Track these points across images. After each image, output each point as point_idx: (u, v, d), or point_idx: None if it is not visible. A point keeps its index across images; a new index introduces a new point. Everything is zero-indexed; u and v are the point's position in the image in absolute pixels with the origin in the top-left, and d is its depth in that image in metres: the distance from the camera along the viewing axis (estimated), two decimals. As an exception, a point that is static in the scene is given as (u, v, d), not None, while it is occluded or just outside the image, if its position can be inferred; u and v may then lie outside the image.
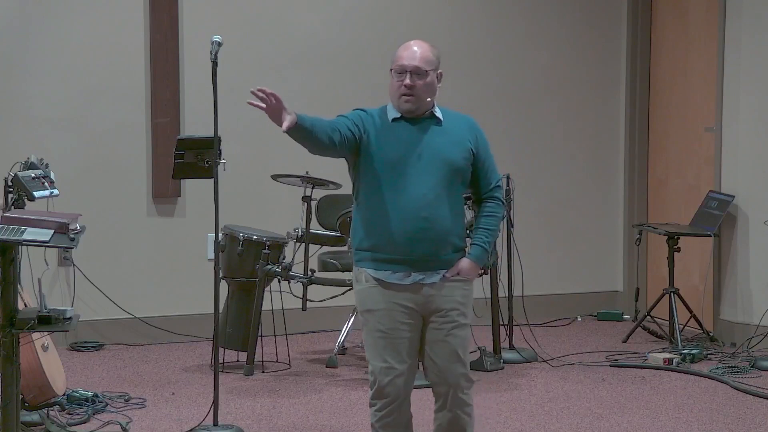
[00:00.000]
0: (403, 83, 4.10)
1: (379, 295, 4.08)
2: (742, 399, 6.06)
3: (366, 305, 4.12)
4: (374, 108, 4.22)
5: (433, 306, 4.11)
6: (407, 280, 4.08)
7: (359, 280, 4.15)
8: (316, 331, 7.58)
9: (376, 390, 4.14)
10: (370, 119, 4.13)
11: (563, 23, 8.19)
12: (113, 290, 7.27)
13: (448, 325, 4.13)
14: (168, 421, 5.63)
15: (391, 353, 4.09)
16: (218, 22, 7.29)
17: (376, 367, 4.12)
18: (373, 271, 4.09)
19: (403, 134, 4.11)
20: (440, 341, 4.14)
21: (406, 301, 4.08)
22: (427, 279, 4.10)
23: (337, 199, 6.98)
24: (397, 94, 4.13)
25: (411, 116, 4.12)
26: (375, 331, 4.10)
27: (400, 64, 4.12)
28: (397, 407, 4.16)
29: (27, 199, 5.49)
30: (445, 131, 4.13)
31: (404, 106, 4.11)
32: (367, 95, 7.75)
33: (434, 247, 4.08)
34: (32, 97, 7.13)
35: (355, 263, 4.16)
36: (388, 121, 4.14)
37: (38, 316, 4.32)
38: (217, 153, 5.34)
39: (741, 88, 7.26)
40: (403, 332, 4.09)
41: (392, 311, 4.08)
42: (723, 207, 7.23)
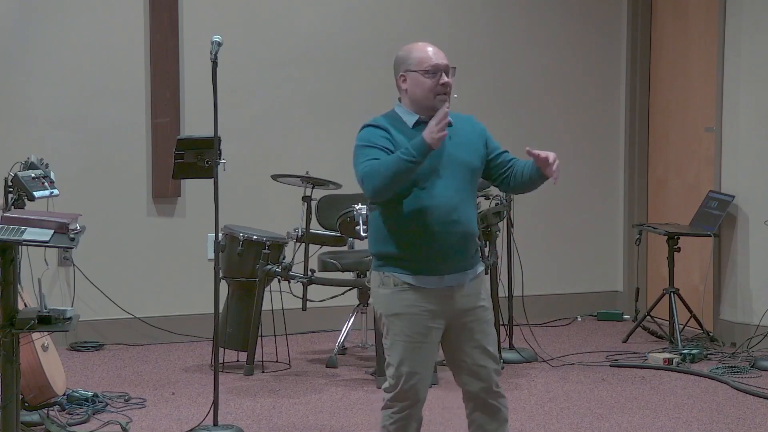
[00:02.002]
0: (439, 82, 4.06)
1: (407, 300, 4.06)
2: (742, 399, 6.06)
3: (393, 309, 4.09)
4: (378, 117, 4.14)
5: (459, 306, 4.11)
6: (438, 283, 4.07)
7: (385, 284, 4.10)
8: (316, 331, 7.58)
9: (398, 393, 4.12)
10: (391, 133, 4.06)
11: (563, 23, 8.19)
12: (113, 290, 7.27)
13: (476, 323, 4.14)
14: (168, 421, 5.63)
15: (417, 358, 4.08)
16: (218, 22, 7.29)
17: (399, 371, 4.10)
18: (402, 275, 4.06)
19: None
20: (470, 340, 4.14)
21: (434, 305, 4.07)
22: (456, 281, 4.10)
23: (337, 199, 6.97)
24: (432, 93, 4.06)
25: (427, 120, 4.05)
26: (401, 335, 4.08)
27: (434, 63, 4.07)
28: (415, 411, 4.16)
29: (27, 199, 5.49)
30: (457, 133, 4.12)
31: (441, 104, 4.06)
32: (367, 95, 7.79)
33: (463, 248, 4.09)
34: (32, 97, 7.13)
35: (379, 267, 4.12)
36: (408, 127, 4.08)
37: (38, 316, 4.31)
38: (217, 153, 5.35)
39: (741, 88, 7.26)
40: (429, 336, 4.09)
41: (420, 316, 4.06)
42: (723, 207, 7.23)
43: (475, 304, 4.13)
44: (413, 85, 4.08)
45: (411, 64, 4.09)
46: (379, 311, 4.15)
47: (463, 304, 4.11)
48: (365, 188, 3.98)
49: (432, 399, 6.03)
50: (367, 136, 4.07)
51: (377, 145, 4.01)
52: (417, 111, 4.10)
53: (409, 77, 4.09)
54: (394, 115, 4.13)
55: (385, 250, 4.09)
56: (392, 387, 4.13)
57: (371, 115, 8.37)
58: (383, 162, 3.93)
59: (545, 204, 8.14)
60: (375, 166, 3.93)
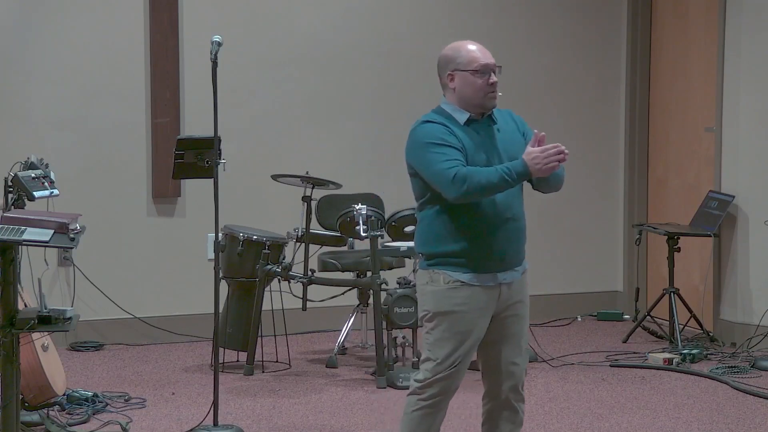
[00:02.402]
0: (489, 81, 4.10)
1: (459, 297, 4.08)
2: (742, 399, 6.06)
3: (443, 307, 4.11)
4: (431, 114, 4.16)
5: (506, 302, 4.16)
6: (492, 281, 4.10)
7: (435, 281, 4.12)
8: (316, 331, 7.58)
9: (432, 381, 4.13)
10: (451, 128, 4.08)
11: (563, 23, 8.19)
12: (113, 290, 7.27)
13: (513, 318, 4.19)
14: (168, 421, 5.63)
15: (461, 354, 4.12)
16: (218, 22, 7.29)
17: (441, 366, 4.12)
18: (454, 272, 4.08)
19: (477, 137, 4.11)
20: (507, 335, 4.18)
21: (485, 302, 4.11)
22: (508, 278, 4.15)
23: (337, 199, 6.98)
24: (484, 92, 4.10)
25: (476, 118, 4.12)
26: (449, 332, 4.10)
27: (483, 63, 4.12)
28: (444, 401, 4.19)
29: (27, 199, 5.49)
30: (501, 129, 4.17)
31: (491, 103, 4.13)
32: (367, 95, 7.79)
33: (518, 246, 4.16)
34: (32, 97, 7.13)
35: (431, 266, 4.13)
36: (459, 124, 4.11)
37: (38, 316, 4.31)
38: (217, 153, 5.34)
39: (741, 88, 7.26)
40: (476, 334, 4.12)
41: (471, 313, 4.09)
42: (723, 207, 7.23)
43: (516, 299, 4.19)
44: (463, 84, 4.11)
45: (460, 64, 4.12)
46: (426, 308, 4.17)
47: (507, 299, 4.16)
48: (454, 189, 3.98)
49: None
50: (434, 132, 4.07)
51: (452, 144, 4.04)
52: (466, 108, 4.13)
53: (457, 76, 4.12)
54: (444, 112, 4.16)
55: (438, 248, 4.11)
56: (427, 379, 4.15)
57: (371, 115, 8.45)
58: (483, 173, 3.97)
59: (545, 204, 8.11)
60: (473, 173, 3.96)
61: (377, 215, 6.55)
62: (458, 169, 3.97)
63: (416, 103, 7.87)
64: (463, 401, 5.63)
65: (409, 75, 7.87)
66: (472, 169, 3.98)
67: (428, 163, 4.04)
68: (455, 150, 4.02)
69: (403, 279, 6.55)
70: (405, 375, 6.30)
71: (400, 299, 6.33)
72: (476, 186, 3.95)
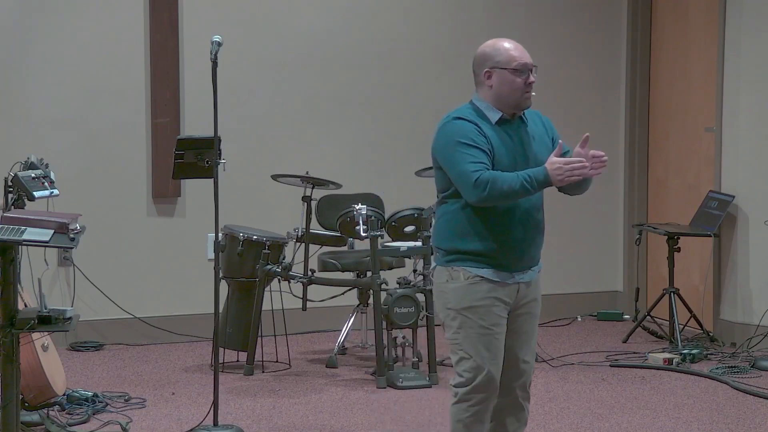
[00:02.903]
0: (527, 81, 4.10)
1: (479, 292, 4.09)
2: (742, 399, 6.06)
3: (465, 302, 4.11)
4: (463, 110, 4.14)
5: (520, 301, 4.18)
6: (509, 278, 4.13)
7: (455, 278, 4.12)
8: (316, 331, 7.58)
9: (476, 385, 4.13)
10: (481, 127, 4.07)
11: (563, 23, 8.18)
12: (113, 290, 7.27)
13: (527, 316, 4.22)
14: (168, 421, 5.63)
15: (493, 349, 4.12)
16: (218, 22, 7.29)
17: (476, 363, 4.11)
18: (474, 269, 4.09)
19: (508, 139, 4.10)
20: (523, 333, 4.21)
21: (505, 297, 4.13)
22: (524, 278, 4.17)
23: (337, 199, 6.97)
24: (521, 91, 4.10)
25: (508, 117, 4.12)
26: (475, 327, 4.11)
27: (523, 62, 4.12)
28: (491, 400, 4.19)
29: (27, 199, 5.48)
30: (531, 130, 4.17)
31: (527, 102, 4.13)
32: (367, 95, 7.79)
33: (536, 245, 4.20)
34: (32, 97, 7.13)
35: (449, 263, 4.13)
36: (491, 123, 4.11)
37: (38, 316, 4.32)
38: (217, 153, 5.34)
39: (741, 88, 7.26)
40: (500, 326, 4.14)
41: (493, 307, 4.10)
42: (723, 207, 7.22)
43: (531, 298, 4.22)
44: (500, 82, 4.11)
45: (499, 62, 4.12)
46: (447, 306, 4.16)
47: (522, 297, 4.18)
48: (476, 192, 3.98)
49: (431, 399, 6.05)
50: (463, 131, 4.06)
51: (479, 145, 4.03)
52: (500, 107, 4.12)
53: (495, 74, 4.12)
54: (476, 109, 4.15)
55: (458, 245, 4.11)
56: (469, 380, 4.14)
57: (371, 115, 8.44)
58: (505, 178, 3.97)
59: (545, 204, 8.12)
60: (496, 179, 3.96)
61: (377, 215, 6.55)
62: (482, 172, 3.97)
63: (416, 103, 7.90)
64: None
65: (409, 75, 7.87)
66: (495, 175, 3.98)
67: (454, 162, 4.04)
68: (482, 152, 4.02)
69: (403, 279, 6.54)
70: (405, 375, 6.30)
71: (400, 299, 6.33)
72: (497, 192, 3.96)
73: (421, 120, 7.89)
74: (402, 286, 6.46)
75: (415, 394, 6.15)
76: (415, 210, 6.64)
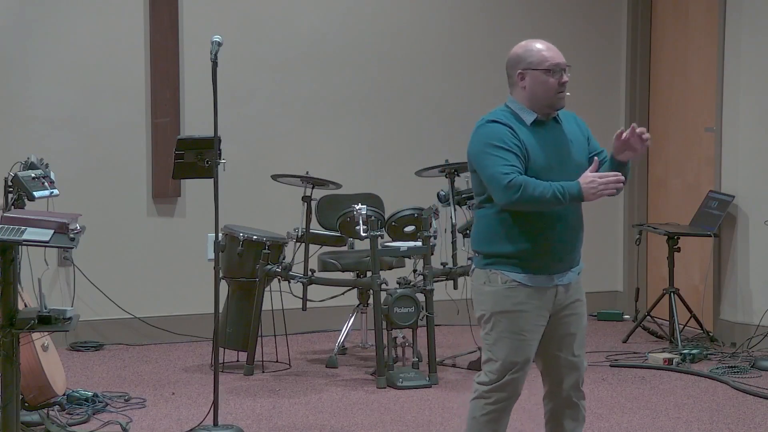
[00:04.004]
0: (560, 80, 4.11)
1: (516, 297, 4.09)
2: (742, 399, 6.06)
3: (500, 306, 4.11)
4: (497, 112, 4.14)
5: (561, 301, 4.16)
6: (548, 282, 4.11)
7: (492, 282, 4.12)
8: (316, 331, 7.58)
9: (499, 385, 4.14)
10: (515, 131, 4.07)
11: (563, 23, 8.18)
12: (113, 290, 7.26)
13: (573, 316, 4.20)
14: (168, 421, 5.63)
15: (522, 354, 4.12)
16: (218, 22, 7.29)
17: (504, 366, 4.12)
18: (511, 273, 4.09)
19: (542, 140, 4.10)
20: (568, 335, 4.20)
21: (542, 301, 4.12)
22: (564, 280, 4.16)
23: (337, 199, 6.97)
24: (555, 91, 4.11)
25: (542, 119, 4.12)
26: (507, 332, 4.11)
27: (555, 62, 4.13)
28: (510, 404, 4.20)
29: (27, 199, 5.48)
30: (566, 132, 4.17)
31: (561, 103, 4.13)
32: (367, 95, 7.79)
33: (575, 247, 4.18)
34: (32, 97, 7.13)
35: (487, 266, 4.14)
36: (525, 125, 4.11)
37: (38, 316, 4.32)
38: (217, 153, 5.34)
39: (741, 88, 7.26)
40: (535, 333, 4.13)
41: (529, 313, 4.10)
42: (723, 207, 7.22)
43: (574, 298, 4.20)
44: (534, 83, 4.12)
45: (531, 63, 4.13)
46: (483, 308, 4.17)
47: (564, 299, 4.17)
48: (506, 196, 3.99)
49: (431, 399, 6.05)
50: (497, 134, 4.06)
51: (512, 149, 4.02)
52: (534, 108, 4.13)
53: (528, 75, 4.13)
54: (510, 111, 4.15)
55: (496, 249, 4.12)
56: (493, 381, 4.15)
57: (371, 115, 8.44)
58: (537, 186, 3.96)
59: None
60: (528, 184, 3.96)
61: (377, 215, 6.55)
62: (515, 176, 3.97)
63: (416, 103, 7.90)
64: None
65: (409, 75, 7.87)
66: (527, 180, 3.98)
67: (486, 165, 4.04)
68: (515, 155, 4.02)
69: (403, 279, 6.55)
70: (405, 375, 6.30)
71: (400, 299, 6.33)
72: (528, 198, 3.96)
73: (420, 120, 7.90)
74: (402, 286, 6.46)
75: (415, 394, 6.15)
76: (415, 210, 6.64)
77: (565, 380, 4.23)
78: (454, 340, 7.36)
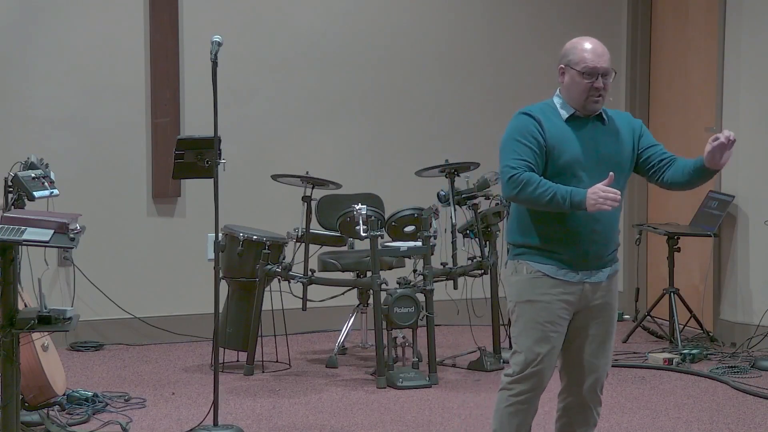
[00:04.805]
0: (593, 85, 4.07)
1: (541, 287, 4.10)
2: (742, 399, 6.06)
3: (526, 296, 4.13)
4: (534, 105, 4.16)
5: (588, 302, 4.15)
6: (573, 278, 4.11)
7: (519, 272, 4.15)
8: (316, 331, 7.58)
9: (521, 377, 4.16)
10: (543, 125, 4.07)
11: (563, 23, 8.17)
12: (113, 290, 7.27)
13: (599, 319, 4.19)
14: (168, 421, 5.63)
15: (545, 345, 4.12)
16: (218, 22, 7.29)
17: (527, 357, 4.13)
18: (536, 264, 4.11)
19: (577, 135, 4.09)
20: (592, 336, 4.19)
21: (568, 296, 4.11)
22: (591, 278, 4.14)
23: (337, 199, 6.98)
24: (585, 95, 4.08)
25: (581, 115, 4.11)
26: (532, 322, 4.12)
27: (591, 66, 4.07)
28: (534, 397, 4.20)
29: (27, 199, 5.48)
30: (610, 131, 4.15)
31: (593, 107, 4.10)
32: (367, 95, 7.79)
33: (602, 248, 4.14)
34: (32, 97, 7.13)
35: (516, 257, 4.17)
36: (561, 120, 4.11)
37: (38, 316, 4.32)
38: (217, 153, 5.35)
39: (741, 88, 7.26)
40: (558, 325, 4.13)
41: (552, 304, 4.11)
42: (723, 207, 7.23)
43: (603, 301, 4.19)
44: (569, 82, 4.12)
45: (571, 61, 4.11)
46: (511, 299, 4.20)
47: (592, 300, 4.16)
48: (507, 189, 4.03)
49: (431, 399, 6.05)
50: (520, 127, 4.09)
51: (530, 144, 4.04)
52: (572, 105, 4.13)
53: (567, 72, 4.13)
54: (552, 104, 4.16)
55: (523, 240, 4.14)
56: (516, 372, 4.17)
57: (371, 115, 8.45)
58: (540, 186, 3.97)
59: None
60: (530, 183, 3.97)
61: (377, 215, 6.55)
62: (519, 172, 3.99)
63: (416, 103, 7.90)
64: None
65: (409, 75, 7.87)
66: (531, 179, 3.98)
67: (502, 157, 4.09)
68: (531, 151, 4.03)
69: (403, 279, 6.55)
70: (405, 375, 6.30)
71: (400, 299, 6.33)
72: (526, 197, 3.99)
73: (420, 120, 7.90)
74: (402, 286, 6.46)
75: (415, 394, 6.15)
76: (415, 210, 6.64)
77: (583, 382, 4.24)
78: (454, 340, 7.36)
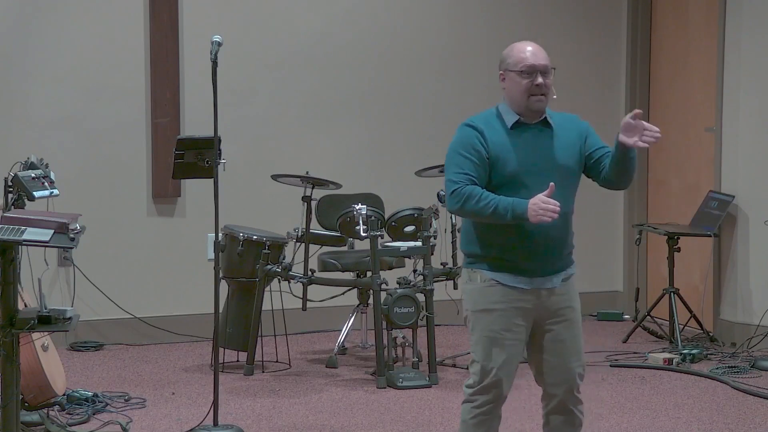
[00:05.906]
0: (534, 83, 4.04)
1: (495, 296, 4.08)
2: (742, 399, 6.06)
3: (480, 305, 4.11)
4: (477, 116, 4.14)
5: (547, 307, 4.12)
6: (527, 284, 4.08)
7: (473, 280, 4.13)
8: (316, 331, 7.58)
9: (480, 388, 4.14)
10: (485, 135, 4.05)
11: (563, 23, 8.18)
12: (113, 290, 7.27)
13: (563, 323, 4.16)
14: (168, 421, 5.63)
15: (501, 354, 4.10)
16: (218, 22, 7.29)
17: (484, 367, 4.11)
18: (490, 273, 4.09)
19: (522, 142, 4.06)
20: (557, 341, 4.16)
21: (523, 303, 4.09)
22: (546, 284, 4.11)
23: (337, 199, 6.98)
24: (527, 94, 4.05)
25: (527, 121, 4.08)
26: (487, 330, 4.10)
27: (530, 64, 4.05)
28: (496, 407, 4.19)
29: (27, 199, 5.48)
30: (556, 135, 4.11)
31: (536, 106, 4.07)
32: (367, 95, 7.79)
33: (556, 252, 4.11)
34: (32, 97, 7.13)
35: (469, 265, 4.15)
36: (505, 128, 4.08)
37: (38, 316, 4.31)
38: (217, 153, 5.35)
39: (741, 88, 7.26)
40: (514, 333, 4.10)
41: (506, 312, 4.08)
42: (723, 207, 7.23)
43: (563, 305, 4.15)
44: (510, 85, 4.10)
45: (509, 64, 4.10)
46: (466, 307, 4.18)
47: (551, 305, 4.13)
48: (451, 203, 4.03)
49: (431, 399, 6.05)
50: (462, 139, 4.08)
51: (471, 156, 4.02)
52: (516, 111, 4.10)
53: (507, 77, 4.11)
54: (496, 113, 4.14)
55: (477, 249, 4.12)
56: (476, 383, 4.15)
57: (371, 115, 8.45)
58: (482, 200, 3.96)
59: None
60: (471, 197, 3.97)
61: (377, 215, 6.55)
62: (462, 186, 3.98)
63: (416, 103, 7.90)
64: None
65: (409, 75, 7.87)
66: (473, 192, 3.97)
67: (446, 169, 4.09)
68: (472, 164, 4.01)
69: (403, 279, 6.55)
70: (405, 375, 6.30)
71: (400, 299, 6.33)
72: (470, 210, 3.99)
73: (420, 120, 7.90)
74: (402, 286, 6.46)
75: (415, 394, 6.15)
76: (415, 210, 6.64)
77: (557, 386, 4.20)
78: (454, 340, 7.36)
